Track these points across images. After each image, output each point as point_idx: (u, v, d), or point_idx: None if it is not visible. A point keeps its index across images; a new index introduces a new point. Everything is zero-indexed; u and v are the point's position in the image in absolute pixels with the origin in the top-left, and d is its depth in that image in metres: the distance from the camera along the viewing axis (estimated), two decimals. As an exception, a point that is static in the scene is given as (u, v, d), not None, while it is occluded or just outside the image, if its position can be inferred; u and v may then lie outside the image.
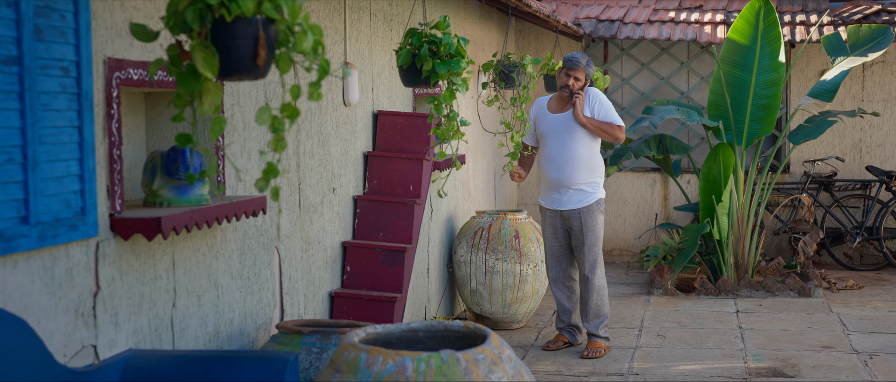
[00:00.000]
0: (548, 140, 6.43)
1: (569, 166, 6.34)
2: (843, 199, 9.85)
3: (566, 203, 6.40)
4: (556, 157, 6.37)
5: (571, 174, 6.34)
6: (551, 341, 6.66)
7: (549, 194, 6.47)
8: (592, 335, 6.50)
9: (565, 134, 6.35)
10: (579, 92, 6.34)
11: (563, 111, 6.42)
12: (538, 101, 6.64)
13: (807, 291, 8.41)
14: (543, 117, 6.50)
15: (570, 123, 6.36)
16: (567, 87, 6.34)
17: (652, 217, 10.35)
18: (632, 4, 10.63)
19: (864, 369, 6.10)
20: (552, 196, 6.45)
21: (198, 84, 2.50)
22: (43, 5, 2.88)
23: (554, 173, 6.39)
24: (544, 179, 6.49)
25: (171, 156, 3.51)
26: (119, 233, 3.28)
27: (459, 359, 2.90)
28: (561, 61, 6.61)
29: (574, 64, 6.34)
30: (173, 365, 3.28)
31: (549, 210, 6.51)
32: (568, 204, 6.39)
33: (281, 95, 4.50)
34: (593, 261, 6.42)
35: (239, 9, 2.44)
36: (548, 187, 6.47)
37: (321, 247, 5.18)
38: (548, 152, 6.42)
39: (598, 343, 6.47)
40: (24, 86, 2.80)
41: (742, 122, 8.50)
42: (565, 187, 6.37)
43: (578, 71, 6.32)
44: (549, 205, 6.48)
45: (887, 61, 10.00)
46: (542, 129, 6.48)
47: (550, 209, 6.49)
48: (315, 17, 4.95)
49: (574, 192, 6.37)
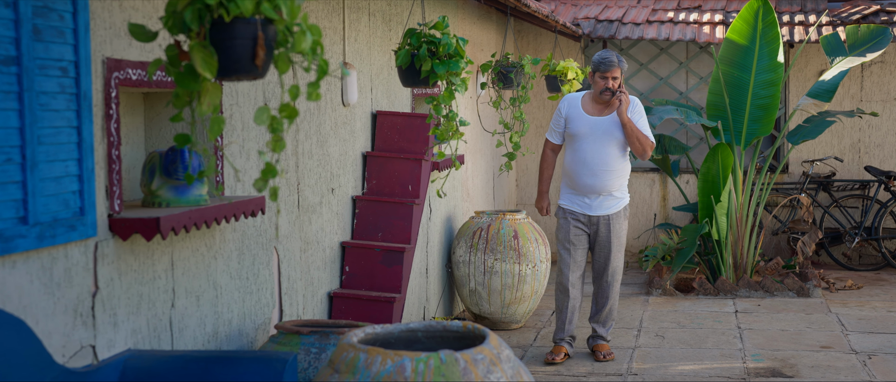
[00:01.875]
0: (582, 143, 6.14)
1: (605, 173, 6.12)
2: (842, 199, 9.85)
3: (596, 209, 6.20)
4: (592, 162, 6.11)
5: (607, 181, 6.13)
6: (554, 354, 6.33)
7: (577, 197, 6.22)
8: (601, 337, 6.42)
9: (604, 139, 6.10)
10: (624, 90, 6.11)
11: (602, 115, 6.16)
12: (570, 98, 6.31)
13: (805, 291, 8.41)
14: (578, 118, 6.19)
15: (611, 129, 6.11)
16: (608, 89, 6.08)
17: (651, 217, 10.36)
18: (631, 4, 10.64)
19: (862, 369, 6.10)
20: (581, 201, 6.21)
21: (196, 84, 2.50)
22: (41, 5, 2.88)
23: (588, 179, 6.13)
24: (573, 183, 6.21)
25: (170, 156, 3.51)
26: (118, 233, 3.28)
27: (458, 359, 2.90)
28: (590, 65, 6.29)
29: (608, 65, 6.09)
30: (172, 365, 3.27)
31: (573, 213, 6.24)
32: (598, 210, 6.20)
33: (279, 95, 4.50)
34: (617, 267, 6.28)
35: (237, 9, 2.44)
36: (577, 191, 6.21)
37: (320, 247, 5.18)
38: (582, 156, 6.13)
39: (606, 345, 6.41)
40: (23, 86, 2.80)
41: (741, 122, 8.50)
42: (597, 192, 6.16)
43: (614, 70, 6.09)
44: (576, 208, 6.23)
45: (886, 61, 10.00)
46: (575, 129, 6.17)
47: (576, 213, 6.24)
48: (314, 17, 4.95)
49: (605, 197, 6.18)
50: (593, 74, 6.16)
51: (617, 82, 6.10)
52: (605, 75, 6.09)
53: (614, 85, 6.08)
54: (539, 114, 10.43)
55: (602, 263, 6.29)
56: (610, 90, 6.08)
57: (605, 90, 6.09)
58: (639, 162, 10.37)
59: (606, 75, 6.09)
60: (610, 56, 6.10)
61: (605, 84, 6.09)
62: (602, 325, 6.41)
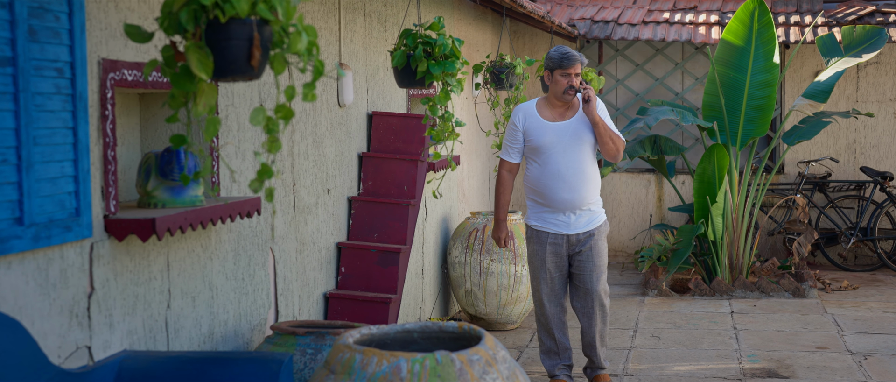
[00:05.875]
0: (551, 154, 5.42)
1: (582, 184, 5.42)
2: (838, 200, 9.87)
3: (575, 226, 5.47)
4: (566, 173, 5.40)
5: (585, 193, 5.43)
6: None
7: (553, 216, 5.49)
8: (599, 367, 5.73)
9: (574, 145, 5.42)
10: (587, 85, 5.41)
11: (565, 118, 5.48)
12: (522, 107, 5.59)
13: (801, 292, 8.42)
14: (538, 128, 5.47)
15: (580, 132, 5.44)
16: (572, 87, 5.40)
17: (646, 218, 10.36)
18: (626, 5, 10.65)
19: (858, 370, 6.11)
20: (557, 219, 5.48)
21: (192, 85, 2.50)
22: (37, 6, 2.88)
23: (565, 194, 5.41)
24: (547, 200, 5.47)
25: (166, 157, 3.51)
26: (113, 234, 3.28)
27: (454, 360, 2.90)
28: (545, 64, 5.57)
29: (571, 61, 5.41)
30: (168, 366, 3.27)
31: (550, 235, 5.50)
32: (578, 227, 5.47)
33: (275, 96, 4.50)
34: (604, 286, 5.57)
35: (233, 10, 2.44)
36: (552, 208, 5.48)
37: (316, 248, 5.18)
38: (554, 169, 5.41)
39: (606, 375, 5.75)
40: (19, 87, 2.80)
41: (736, 123, 8.51)
42: (577, 207, 5.45)
43: (576, 66, 5.42)
44: (552, 229, 5.50)
45: (881, 62, 10.02)
46: (539, 140, 5.45)
47: (553, 234, 5.50)
48: (309, 18, 4.95)
49: (585, 212, 5.48)
50: (552, 73, 5.46)
51: (579, 79, 5.42)
52: (567, 72, 5.40)
53: (577, 82, 5.40)
54: (535, 115, 10.43)
55: (587, 286, 5.53)
56: (574, 88, 5.38)
57: (569, 88, 5.39)
58: (635, 163, 10.37)
59: (569, 72, 5.40)
60: (570, 51, 5.44)
61: (568, 82, 5.39)
62: (597, 353, 5.69)
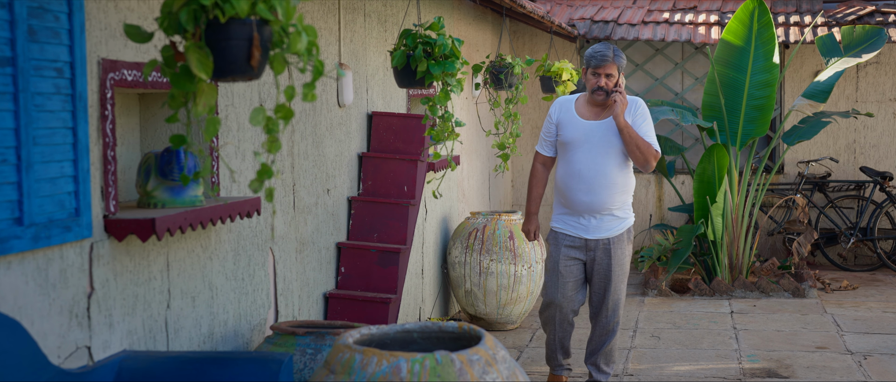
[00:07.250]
0: (577, 152, 5.21)
1: (603, 188, 5.18)
2: (838, 200, 9.87)
3: (594, 231, 5.25)
4: (587, 175, 5.18)
5: (606, 198, 5.19)
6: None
7: (572, 218, 5.30)
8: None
9: (601, 147, 5.17)
10: (619, 90, 5.13)
11: (600, 118, 5.22)
12: (562, 100, 5.37)
13: (801, 292, 8.42)
14: (571, 122, 5.25)
15: (610, 135, 5.16)
16: (601, 88, 5.15)
17: (646, 218, 10.36)
18: (626, 5, 10.65)
19: (858, 369, 6.11)
20: (576, 222, 5.28)
21: (192, 85, 2.50)
22: (37, 6, 2.88)
23: (583, 196, 5.19)
24: (567, 200, 5.28)
25: (166, 157, 3.51)
26: (113, 234, 3.28)
27: (454, 360, 2.90)
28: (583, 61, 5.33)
29: (601, 60, 5.13)
30: (168, 366, 3.27)
31: (567, 237, 5.31)
32: (596, 232, 5.25)
33: (275, 96, 4.50)
34: (618, 301, 5.34)
35: (233, 10, 2.44)
36: (570, 210, 5.29)
37: (315, 248, 5.18)
38: (576, 168, 5.20)
39: None
40: (18, 87, 2.80)
41: (736, 123, 8.50)
42: (596, 212, 5.22)
43: (608, 66, 5.14)
44: (570, 231, 5.30)
45: (881, 62, 10.02)
46: (568, 136, 5.24)
47: (570, 237, 5.30)
48: (309, 18, 4.95)
49: (605, 217, 5.24)
50: (586, 72, 5.26)
51: (612, 80, 5.15)
52: (597, 72, 5.17)
53: (609, 84, 5.15)
54: (535, 115, 10.43)
55: (601, 295, 5.35)
56: (603, 89, 5.15)
57: (598, 89, 5.16)
58: (634, 163, 10.35)
59: (599, 72, 5.16)
60: (604, 50, 5.16)
61: (596, 82, 5.16)
62: (600, 369, 5.48)
